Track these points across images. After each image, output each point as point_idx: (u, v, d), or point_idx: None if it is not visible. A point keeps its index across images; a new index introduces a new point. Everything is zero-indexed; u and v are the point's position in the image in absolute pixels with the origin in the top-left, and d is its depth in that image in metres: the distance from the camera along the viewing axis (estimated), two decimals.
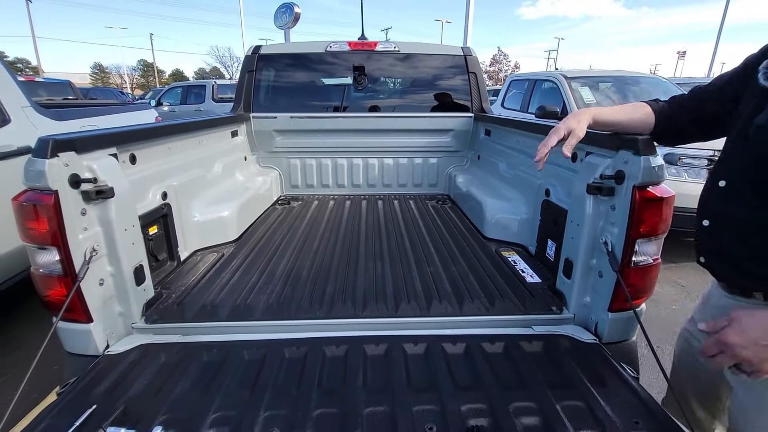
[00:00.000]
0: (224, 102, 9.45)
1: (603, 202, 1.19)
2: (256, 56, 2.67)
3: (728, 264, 0.86)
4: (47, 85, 9.38)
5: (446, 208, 2.56)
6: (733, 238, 0.83)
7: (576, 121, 1.03)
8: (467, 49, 2.76)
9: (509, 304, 1.36)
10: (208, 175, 2.03)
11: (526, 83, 5.90)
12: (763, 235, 0.78)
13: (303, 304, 1.36)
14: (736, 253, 0.84)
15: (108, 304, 1.19)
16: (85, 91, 15.38)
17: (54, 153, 1.02)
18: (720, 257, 0.88)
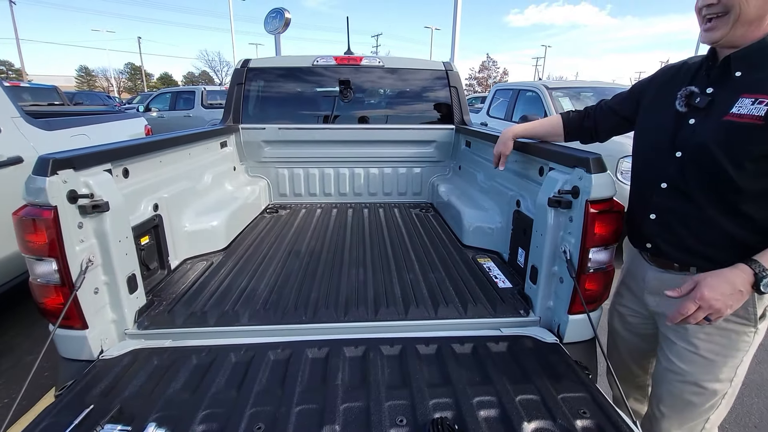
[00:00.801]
0: (214, 108, 9.48)
1: (562, 214, 1.30)
2: (245, 69, 2.76)
3: (673, 247, 1.08)
4: (33, 90, 9.33)
5: (429, 216, 2.67)
6: (680, 227, 1.05)
7: (503, 145, 1.51)
8: (448, 65, 2.89)
9: (481, 308, 1.46)
10: (198, 186, 2.11)
11: (510, 92, 6.09)
12: (708, 224, 0.99)
13: (288, 309, 1.44)
14: (682, 239, 1.06)
15: (102, 311, 1.27)
16: (71, 95, 15.25)
17: (54, 171, 1.10)
18: (666, 242, 1.10)
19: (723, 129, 0.93)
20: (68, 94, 12.97)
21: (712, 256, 1.02)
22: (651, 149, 1.12)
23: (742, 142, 0.90)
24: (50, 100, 9.08)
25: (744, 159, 0.91)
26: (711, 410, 1.12)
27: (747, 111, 0.90)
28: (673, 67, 1.17)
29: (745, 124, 0.90)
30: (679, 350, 1.12)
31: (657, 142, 1.09)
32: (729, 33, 0.92)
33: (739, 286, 0.89)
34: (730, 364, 1.07)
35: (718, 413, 1.13)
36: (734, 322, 1.03)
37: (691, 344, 1.09)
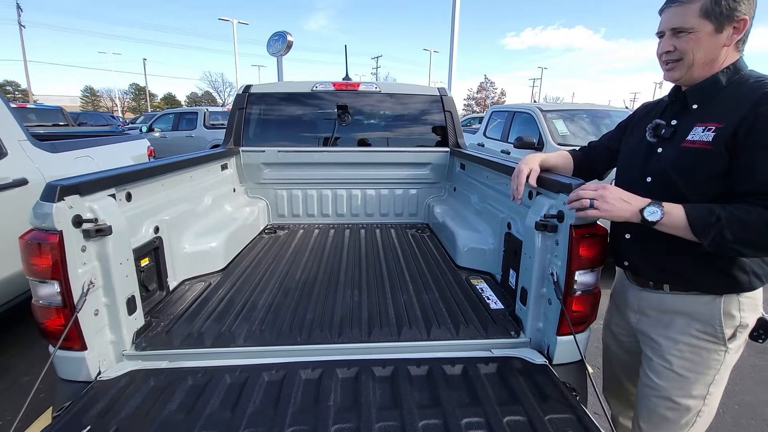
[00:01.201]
0: (216, 128, 9.65)
1: (549, 237, 1.35)
2: (246, 95, 2.86)
3: (647, 265, 1.17)
4: (38, 111, 9.51)
5: (424, 236, 2.71)
6: (652, 246, 1.12)
7: (534, 162, 1.43)
8: (443, 90, 3.00)
9: (472, 329, 1.49)
10: (198, 208, 2.16)
11: (506, 114, 6.23)
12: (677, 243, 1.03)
13: (283, 330, 1.47)
14: (655, 257, 1.13)
15: (101, 332, 1.30)
16: (76, 115, 15.52)
17: (61, 197, 1.15)
18: (641, 260, 1.18)
19: (679, 154, 1.05)
20: (73, 114, 13.21)
21: (683, 273, 1.09)
22: (627, 175, 1.22)
23: (694, 165, 1.01)
24: (55, 120, 9.25)
25: (697, 181, 1.01)
26: (687, 427, 1.16)
27: (698, 137, 1.01)
28: (650, 103, 1.30)
29: (696, 149, 1.01)
30: (655, 366, 1.17)
31: (632, 169, 1.20)
32: (686, 74, 1.06)
33: (630, 200, 1.03)
34: (702, 381, 1.11)
35: (695, 431, 1.16)
36: (705, 340, 1.09)
37: (666, 360, 1.14)
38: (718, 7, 0.96)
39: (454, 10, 9.67)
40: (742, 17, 0.97)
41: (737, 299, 1.05)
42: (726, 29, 0.98)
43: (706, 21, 0.98)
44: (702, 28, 0.99)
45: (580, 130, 5.15)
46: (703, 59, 1.02)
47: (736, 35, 0.99)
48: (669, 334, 1.14)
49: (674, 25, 1.02)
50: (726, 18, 0.97)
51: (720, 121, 0.98)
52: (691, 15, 0.99)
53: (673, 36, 1.04)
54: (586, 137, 4.87)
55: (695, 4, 0.98)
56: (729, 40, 1.00)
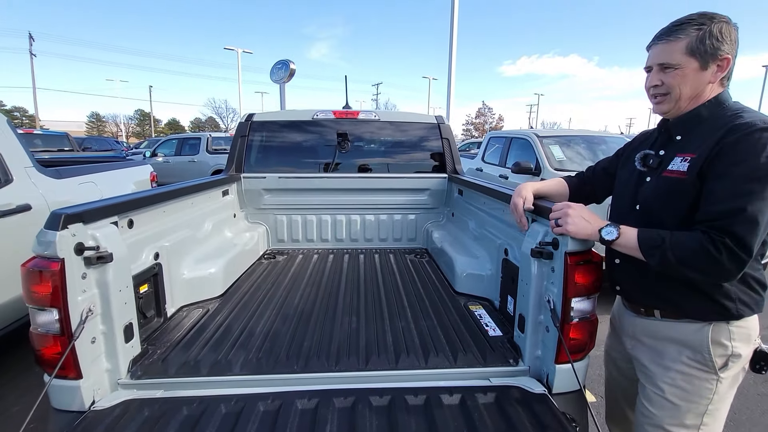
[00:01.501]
0: (218, 153, 9.81)
1: (545, 264, 1.36)
2: (249, 123, 2.93)
3: (637, 291, 1.19)
4: (44, 137, 9.70)
5: (423, 262, 2.72)
6: (640, 272, 1.14)
7: (527, 192, 1.44)
8: (440, 118, 3.08)
9: (470, 357, 1.48)
10: (198, 234, 2.18)
11: (504, 140, 6.34)
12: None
13: (280, 358, 1.46)
14: (643, 283, 1.15)
15: (97, 361, 1.29)
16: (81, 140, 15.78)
17: (65, 225, 1.17)
18: (631, 286, 1.21)
19: (659, 183, 1.10)
20: (78, 140, 13.43)
21: (672, 299, 1.11)
22: (620, 203, 1.28)
23: (670, 194, 1.06)
24: (61, 146, 9.42)
25: (674, 209, 1.05)
26: None
27: (676, 167, 1.06)
28: (646, 132, 1.35)
29: (673, 178, 1.06)
30: (648, 393, 1.17)
31: (624, 196, 1.24)
32: (674, 107, 1.10)
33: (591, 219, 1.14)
34: (694, 411, 1.10)
35: None
36: (695, 368, 1.09)
37: (658, 387, 1.14)
38: (703, 46, 1.01)
39: (451, 38, 10.01)
40: (725, 56, 1.02)
41: (727, 328, 1.05)
42: (710, 67, 1.03)
43: (692, 58, 1.02)
44: (688, 64, 1.03)
45: (577, 156, 5.23)
46: (689, 94, 1.06)
47: (720, 72, 1.04)
48: (661, 362, 1.14)
49: (661, 60, 1.07)
50: (710, 56, 1.02)
51: (695, 151, 1.03)
52: (677, 52, 1.03)
53: (660, 71, 1.08)
54: (582, 162, 4.95)
55: (681, 42, 1.03)
56: (713, 77, 1.04)
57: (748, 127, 0.94)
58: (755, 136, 0.93)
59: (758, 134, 0.93)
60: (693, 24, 1.02)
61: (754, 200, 0.91)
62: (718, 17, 1.03)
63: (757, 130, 0.93)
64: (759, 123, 0.94)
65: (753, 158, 0.92)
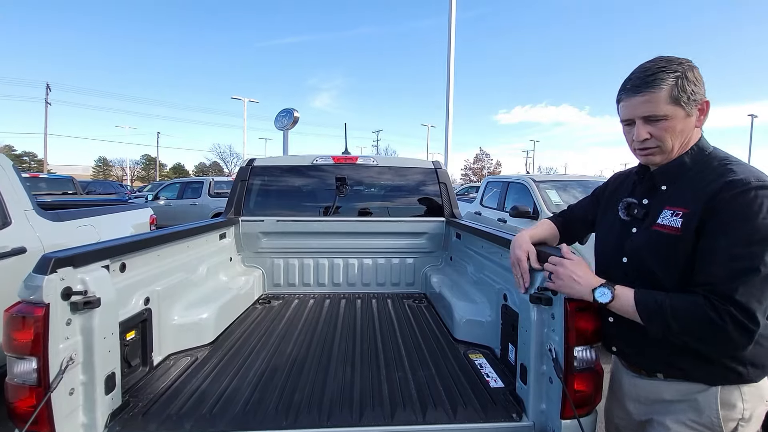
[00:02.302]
0: (219, 197, 9.93)
1: (545, 310, 1.32)
2: (249, 168, 2.99)
3: (634, 351, 1.12)
4: (49, 181, 9.87)
5: (422, 307, 2.65)
6: (634, 331, 1.06)
7: (527, 244, 1.36)
8: (437, 163, 3.15)
9: (471, 412, 1.39)
10: (192, 277, 2.15)
11: (501, 184, 6.45)
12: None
13: (269, 412, 1.37)
14: (639, 343, 1.08)
15: (73, 414, 1.21)
16: (85, 183, 16.06)
17: (54, 269, 1.15)
18: (627, 346, 1.14)
19: (651, 238, 1.03)
20: (83, 183, 13.68)
21: (676, 364, 1.03)
22: (605, 252, 1.21)
23: (666, 250, 0.99)
24: (65, 189, 9.55)
25: (670, 266, 0.99)
26: None
27: (668, 222, 1.00)
28: (621, 174, 1.30)
29: (666, 234, 0.99)
30: None
31: (609, 245, 1.18)
32: (666, 158, 1.05)
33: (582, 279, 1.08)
34: None
35: None
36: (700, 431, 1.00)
37: None
38: (684, 93, 0.97)
39: (448, 89, 10.50)
40: (705, 99, 1.00)
41: (738, 389, 0.97)
42: (693, 112, 1.00)
43: (677, 107, 0.98)
44: (675, 114, 0.98)
45: (573, 199, 5.28)
46: (680, 143, 1.03)
47: (702, 117, 1.02)
48: (666, 423, 1.05)
49: (646, 113, 1.00)
50: (693, 102, 0.98)
51: (687, 206, 0.97)
52: (662, 102, 0.98)
53: (646, 124, 1.02)
54: None
55: (662, 92, 0.97)
56: (698, 122, 1.02)
57: (743, 184, 0.90)
58: (751, 194, 0.89)
59: (754, 192, 0.88)
60: (668, 71, 0.97)
61: (755, 264, 0.85)
62: (684, 61, 1.00)
63: (753, 188, 0.89)
64: (754, 180, 0.90)
65: (751, 219, 0.87)
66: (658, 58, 1.01)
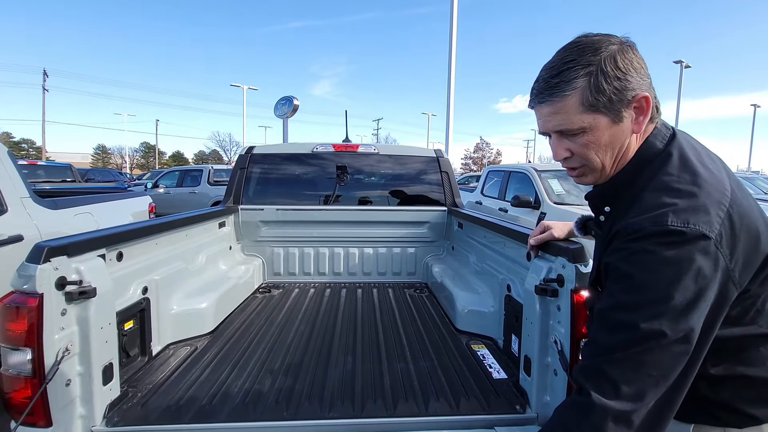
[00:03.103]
0: (219, 185, 9.87)
1: (550, 302, 1.30)
2: (249, 155, 2.94)
3: None
4: (48, 168, 9.80)
5: (423, 297, 2.63)
6: None
7: (559, 226, 1.26)
8: (439, 152, 3.09)
9: (474, 403, 1.38)
10: (191, 267, 2.12)
11: (502, 174, 6.39)
12: None
13: (269, 404, 1.36)
14: None
15: (70, 406, 1.19)
16: (84, 171, 15.98)
17: (47, 259, 1.12)
18: None
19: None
20: (81, 171, 13.59)
21: None
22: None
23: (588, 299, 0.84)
24: (64, 177, 9.49)
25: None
26: None
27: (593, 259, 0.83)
28: None
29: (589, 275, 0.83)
30: None
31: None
32: (601, 177, 0.80)
33: None
34: None
35: None
36: None
37: None
38: (602, 96, 0.71)
39: (449, 77, 10.35)
40: (641, 94, 0.72)
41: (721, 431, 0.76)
42: (626, 114, 0.73)
43: (596, 115, 0.72)
44: (595, 124, 0.73)
45: (575, 188, 5.24)
46: (612, 157, 0.77)
47: (642, 117, 0.73)
48: None
49: (558, 127, 0.76)
50: (619, 103, 0.72)
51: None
52: (573, 112, 0.73)
53: (562, 138, 0.78)
54: (580, 195, 4.95)
55: (571, 99, 0.72)
56: (636, 125, 0.74)
57: (632, 232, 0.67)
58: (638, 246, 0.66)
59: (642, 244, 0.65)
60: (576, 68, 0.71)
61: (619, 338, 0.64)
62: (603, 45, 0.71)
63: (642, 237, 0.66)
64: (647, 226, 0.65)
65: (630, 277, 0.65)
66: (571, 43, 0.75)
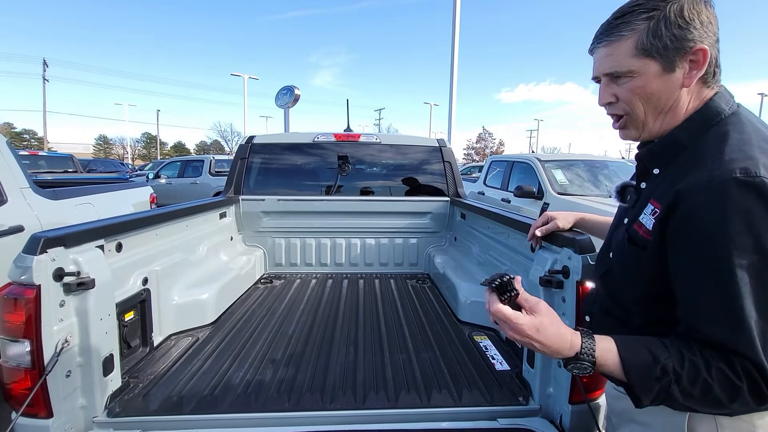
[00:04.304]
0: (220, 175, 9.84)
1: (555, 294, 1.28)
2: (249, 145, 2.91)
3: None
4: (49, 159, 9.78)
5: (425, 288, 2.62)
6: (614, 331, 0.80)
7: (563, 216, 1.24)
8: (442, 141, 3.05)
9: (476, 394, 1.37)
10: (192, 257, 2.11)
11: (505, 164, 6.33)
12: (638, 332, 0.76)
13: (271, 394, 1.35)
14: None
15: (71, 397, 1.19)
16: (86, 162, 15.96)
17: (44, 249, 1.10)
18: None
19: (624, 238, 0.80)
20: (84, 161, 13.56)
21: None
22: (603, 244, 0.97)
23: (630, 258, 0.78)
24: (65, 167, 9.48)
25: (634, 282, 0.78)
26: None
27: (645, 221, 0.75)
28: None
29: (638, 238, 0.76)
30: None
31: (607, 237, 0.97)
32: (644, 132, 0.79)
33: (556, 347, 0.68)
34: None
35: None
36: None
37: None
38: (658, 41, 0.71)
39: (452, 67, 10.21)
40: (699, 47, 0.70)
41: (714, 420, 0.72)
42: (679, 66, 0.72)
43: (648, 60, 0.72)
44: (645, 69, 0.73)
45: (578, 179, 5.20)
46: (657, 109, 0.76)
47: (695, 71, 0.72)
48: None
49: (608, 69, 0.77)
50: (674, 52, 0.71)
51: (662, 202, 0.71)
52: (625, 54, 0.74)
53: (611, 82, 0.78)
54: (583, 185, 4.90)
55: (627, 41, 0.73)
56: (688, 79, 0.73)
57: (714, 181, 0.63)
58: (725, 196, 0.62)
59: (727, 192, 0.62)
60: (640, 12, 0.72)
61: (748, 302, 0.61)
62: None
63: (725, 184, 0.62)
64: (733, 173, 0.62)
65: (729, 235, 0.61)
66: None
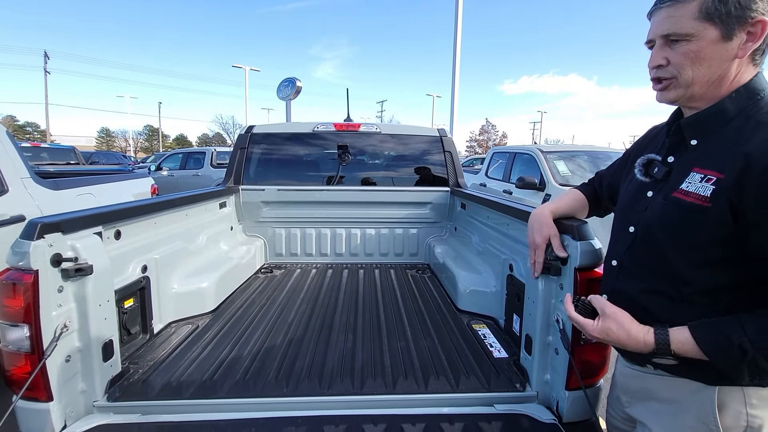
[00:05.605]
0: (222, 167, 9.84)
1: (553, 281, 1.27)
2: (249, 135, 2.90)
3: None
4: (51, 150, 9.80)
5: (425, 277, 2.62)
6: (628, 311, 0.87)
7: (548, 228, 1.20)
8: (443, 131, 3.03)
9: (474, 381, 1.37)
10: (192, 246, 2.11)
11: (508, 155, 6.30)
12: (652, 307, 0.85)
13: (270, 380, 1.36)
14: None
15: (71, 381, 1.20)
16: (88, 154, 15.98)
17: (41, 235, 1.11)
18: None
19: (669, 207, 0.82)
20: (86, 154, 13.58)
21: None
22: (616, 221, 1.00)
23: (685, 225, 0.78)
24: (68, 159, 9.50)
25: (691, 247, 0.78)
26: None
27: (694, 189, 0.77)
28: (656, 127, 1.05)
29: (690, 205, 0.77)
30: None
31: (620, 212, 1.00)
32: (684, 95, 0.81)
33: (632, 347, 0.82)
34: None
35: None
36: None
37: None
38: (723, 6, 0.72)
39: (454, 58, 10.11)
40: (759, 18, 0.72)
41: (741, 391, 0.77)
42: (737, 35, 0.74)
43: (709, 24, 0.74)
44: (703, 34, 0.75)
45: (580, 170, 5.16)
46: (706, 77, 0.77)
47: (751, 43, 0.74)
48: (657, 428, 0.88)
49: (666, 31, 0.78)
50: (736, 20, 0.73)
51: (722, 170, 0.74)
52: (687, 17, 0.75)
53: (665, 45, 0.80)
54: (586, 176, 4.86)
55: (691, 4, 0.75)
56: (742, 50, 0.75)
57: None
58: None
59: None
60: None
61: None
62: None
63: None
64: None
65: None
66: None
